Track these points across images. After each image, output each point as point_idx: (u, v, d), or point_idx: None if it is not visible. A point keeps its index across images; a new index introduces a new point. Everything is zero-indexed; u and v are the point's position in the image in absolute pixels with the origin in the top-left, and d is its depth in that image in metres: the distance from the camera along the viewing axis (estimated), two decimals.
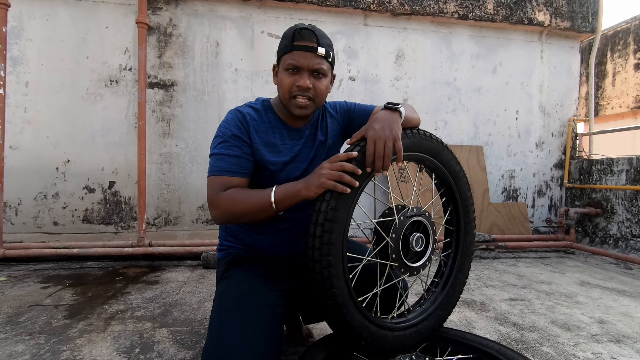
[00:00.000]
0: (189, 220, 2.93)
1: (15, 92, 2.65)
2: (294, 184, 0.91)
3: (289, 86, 0.98)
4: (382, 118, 0.92)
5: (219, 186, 0.96)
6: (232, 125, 1.02)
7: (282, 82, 1.00)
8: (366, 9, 3.10)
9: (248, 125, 1.03)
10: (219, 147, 1.00)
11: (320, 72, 0.99)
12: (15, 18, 2.63)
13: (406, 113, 0.98)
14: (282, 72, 1.00)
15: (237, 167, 0.99)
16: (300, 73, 0.98)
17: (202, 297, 1.85)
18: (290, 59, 0.97)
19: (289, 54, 0.98)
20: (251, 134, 1.03)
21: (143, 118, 2.68)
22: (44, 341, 1.33)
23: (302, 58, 0.96)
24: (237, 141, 1.00)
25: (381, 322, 0.98)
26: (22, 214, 2.67)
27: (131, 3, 2.79)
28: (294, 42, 0.97)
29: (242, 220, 0.97)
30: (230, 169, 0.98)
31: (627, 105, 6.27)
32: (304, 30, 0.97)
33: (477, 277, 2.37)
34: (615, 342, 1.46)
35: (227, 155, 0.99)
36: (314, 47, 0.96)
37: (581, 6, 3.49)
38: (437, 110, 3.37)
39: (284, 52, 1.00)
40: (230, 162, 0.98)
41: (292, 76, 0.98)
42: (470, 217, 1.17)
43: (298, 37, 0.96)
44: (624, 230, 3.11)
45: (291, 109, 1.01)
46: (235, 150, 0.99)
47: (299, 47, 0.96)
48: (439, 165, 1.08)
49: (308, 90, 0.98)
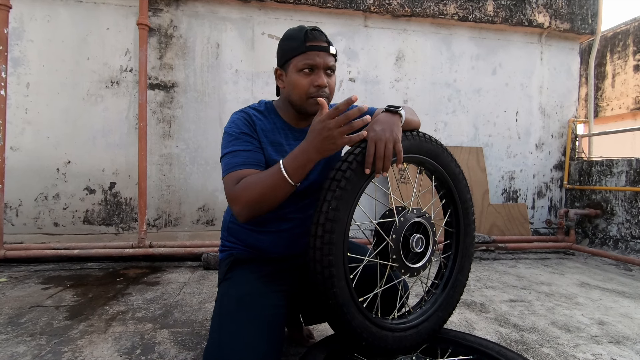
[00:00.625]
0: (190, 221, 2.93)
1: (16, 93, 2.66)
2: (302, 152, 0.87)
3: (307, 86, 0.98)
4: (382, 120, 0.93)
5: (235, 181, 0.93)
6: (239, 123, 1.03)
7: (297, 84, 0.99)
8: (366, 10, 3.11)
9: (254, 124, 1.04)
10: (230, 146, 1.00)
11: (332, 70, 1.02)
12: (17, 19, 2.64)
13: (406, 116, 0.99)
14: (295, 74, 0.99)
15: (252, 160, 0.98)
16: (316, 72, 0.99)
17: (202, 298, 1.85)
18: (306, 59, 0.98)
19: (303, 55, 0.98)
20: (258, 133, 1.04)
21: (144, 119, 2.68)
22: (45, 342, 1.33)
23: (318, 57, 0.98)
24: (247, 137, 1.01)
25: (382, 322, 0.98)
26: (22, 214, 2.68)
27: (132, 4, 2.80)
28: (306, 42, 0.97)
29: (265, 206, 0.91)
30: (245, 162, 0.96)
31: (626, 107, 6.28)
32: (314, 31, 0.99)
33: (477, 278, 2.37)
34: (615, 343, 1.46)
35: (241, 150, 0.98)
36: (326, 47, 0.99)
37: (581, 8, 3.50)
38: (437, 112, 3.38)
39: (295, 54, 0.99)
40: (245, 157, 0.97)
41: (308, 76, 0.99)
42: (469, 219, 1.18)
43: (311, 38, 0.98)
44: (623, 232, 3.11)
45: (308, 108, 1.01)
46: (247, 145, 1.00)
47: (313, 47, 0.97)
48: (438, 168, 1.09)
49: (326, 88, 0.99)
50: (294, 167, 0.87)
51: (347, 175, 0.89)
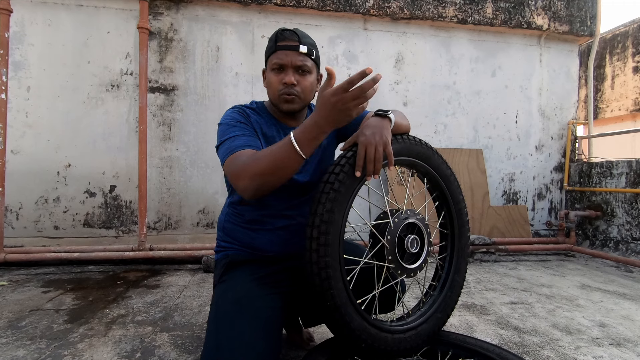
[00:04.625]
0: (190, 224, 2.93)
1: (17, 97, 2.67)
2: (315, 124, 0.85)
3: (276, 84, 1.04)
4: (372, 124, 0.95)
5: (237, 159, 0.91)
6: (235, 115, 1.06)
7: (269, 82, 1.06)
8: (366, 13, 3.12)
9: (249, 117, 1.08)
10: (228, 133, 1.00)
11: (304, 70, 1.04)
12: (18, 23, 2.65)
13: (396, 120, 1.00)
14: (269, 72, 1.06)
15: (253, 142, 0.98)
16: (285, 71, 1.03)
17: (202, 301, 1.85)
18: (275, 58, 1.03)
19: (274, 54, 1.04)
20: (253, 124, 1.07)
21: (144, 122, 2.69)
22: (45, 346, 1.33)
23: (285, 56, 1.02)
24: (243, 125, 1.03)
25: (381, 324, 0.99)
26: (23, 218, 2.68)
27: (132, 8, 2.81)
28: (277, 42, 1.03)
29: (273, 179, 0.87)
30: (247, 144, 0.96)
31: (626, 108, 6.29)
32: (285, 32, 1.03)
33: (478, 280, 2.37)
34: (617, 345, 1.45)
35: (240, 135, 0.99)
36: (296, 46, 1.02)
37: (579, 10, 3.51)
38: (437, 114, 3.38)
39: (269, 54, 1.06)
40: (245, 140, 0.97)
41: (279, 74, 1.04)
42: (463, 220, 1.19)
43: (281, 38, 1.03)
44: (624, 233, 3.11)
45: (280, 106, 1.06)
46: (245, 131, 1.01)
47: (282, 46, 1.02)
48: (430, 170, 1.11)
49: (293, 86, 1.02)
50: (307, 139, 0.85)
51: (340, 177, 0.91)
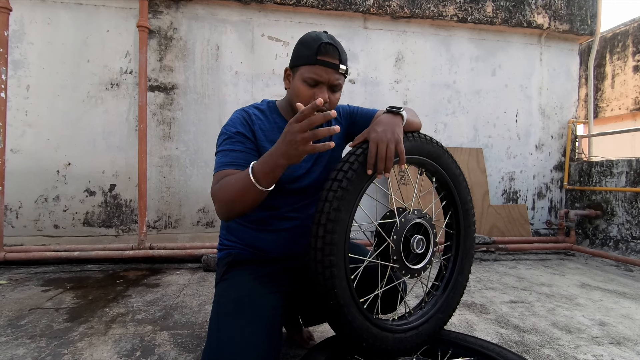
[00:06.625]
0: (190, 223, 2.93)
1: (17, 96, 2.66)
2: (271, 156, 0.82)
3: (307, 98, 0.96)
4: (384, 121, 0.93)
5: (218, 179, 0.94)
6: (236, 123, 1.03)
7: (299, 92, 0.98)
8: (366, 12, 3.11)
9: (253, 123, 1.05)
10: (223, 145, 1.01)
11: (337, 88, 1.00)
12: (17, 22, 2.65)
13: (408, 117, 0.99)
14: (300, 82, 0.98)
15: (240, 160, 0.97)
16: (319, 87, 0.97)
17: (202, 300, 1.85)
18: (312, 73, 0.95)
19: (311, 67, 0.96)
20: (256, 132, 1.04)
21: (144, 121, 2.69)
22: (45, 344, 1.33)
23: (325, 74, 0.95)
24: (240, 137, 1.01)
25: (382, 323, 0.98)
26: (22, 217, 2.68)
27: (132, 7, 2.80)
28: (317, 56, 0.95)
29: (236, 208, 0.88)
30: (232, 162, 0.96)
31: (626, 107, 6.29)
32: (329, 46, 0.95)
33: (478, 279, 2.37)
34: (616, 344, 1.46)
35: (231, 150, 0.99)
36: (336, 65, 0.96)
37: (580, 9, 3.51)
38: (437, 113, 3.38)
39: (304, 63, 0.97)
40: (234, 157, 0.98)
41: (311, 89, 0.97)
42: (470, 221, 1.18)
43: (322, 52, 0.95)
44: (624, 232, 3.11)
45: None
46: (238, 146, 1.00)
47: (323, 62, 0.95)
48: (439, 169, 1.09)
49: (326, 104, 0.97)
50: (263, 172, 0.82)
51: (349, 175, 0.89)
